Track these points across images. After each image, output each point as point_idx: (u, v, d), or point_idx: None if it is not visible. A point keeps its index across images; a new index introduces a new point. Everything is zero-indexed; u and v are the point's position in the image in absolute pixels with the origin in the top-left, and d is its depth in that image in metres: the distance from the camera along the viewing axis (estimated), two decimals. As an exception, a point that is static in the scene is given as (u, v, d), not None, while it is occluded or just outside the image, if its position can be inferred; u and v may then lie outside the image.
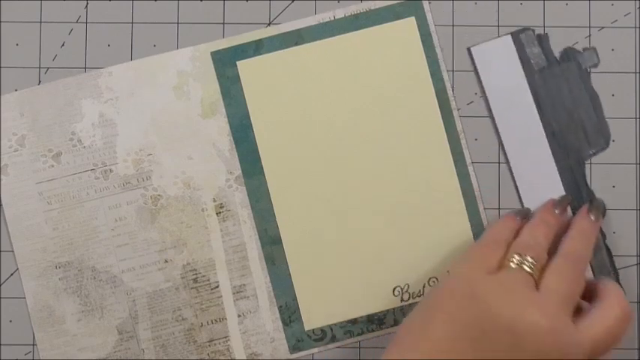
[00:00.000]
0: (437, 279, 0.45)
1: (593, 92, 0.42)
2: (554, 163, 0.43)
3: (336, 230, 0.45)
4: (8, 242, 0.45)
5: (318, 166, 0.45)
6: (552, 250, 0.40)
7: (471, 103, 0.46)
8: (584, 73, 0.43)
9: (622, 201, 0.46)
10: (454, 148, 0.45)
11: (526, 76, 0.42)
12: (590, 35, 0.46)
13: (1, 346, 0.45)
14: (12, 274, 0.45)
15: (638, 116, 0.46)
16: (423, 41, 0.46)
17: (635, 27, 0.46)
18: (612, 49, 0.46)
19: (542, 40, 0.42)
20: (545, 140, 0.42)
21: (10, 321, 0.45)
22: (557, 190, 0.43)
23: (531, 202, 0.44)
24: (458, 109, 0.46)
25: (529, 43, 0.42)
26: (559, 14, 0.46)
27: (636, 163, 0.46)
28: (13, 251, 0.45)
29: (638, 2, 0.46)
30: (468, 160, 0.45)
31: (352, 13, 0.46)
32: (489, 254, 0.38)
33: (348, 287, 0.45)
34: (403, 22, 0.46)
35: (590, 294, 0.39)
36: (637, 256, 0.46)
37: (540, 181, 0.43)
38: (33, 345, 0.45)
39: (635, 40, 0.46)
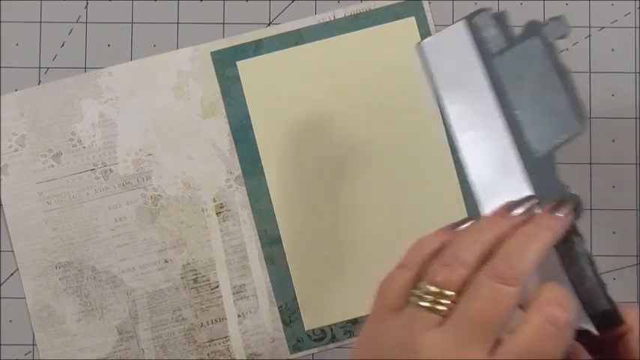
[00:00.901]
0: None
1: (562, 68, 0.35)
2: (517, 160, 0.35)
3: (336, 230, 0.45)
4: (8, 242, 0.45)
5: (318, 166, 0.45)
6: None
7: (471, 103, 0.46)
8: (550, 48, 0.36)
9: (622, 201, 0.46)
10: (454, 148, 0.45)
11: (483, 62, 0.36)
12: (590, 35, 0.46)
13: (1, 346, 0.45)
14: (12, 274, 0.45)
15: (638, 116, 0.46)
16: (423, 41, 0.46)
17: (635, 27, 0.46)
18: (612, 49, 0.46)
19: (500, 18, 0.35)
20: (507, 134, 0.35)
21: (10, 321, 0.45)
22: (523, 192, 0.36)
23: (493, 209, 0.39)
24: (458, 109, 0.46)
25: (485, 25, 0.36)
26: (559, 14, 0.46)
27: (636, 163, 0.46)
28: (13, 251, 0.45)
29: (638, 2, 0.46)
30: (468, 160, 0.45)
31: (352, 13, 0.46)
32: (392, 285, 0.30)
33: (348, 287, 0.45)
34: (403, 22, 0.46)
35: None
36: (637, 256, 0.45)
37: (502, 182, 0.36)
38: (33, 345, 0.45)
39: (635, 40, 0.46)
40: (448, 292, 0.28)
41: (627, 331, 0.29)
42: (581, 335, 0.29)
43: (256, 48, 0.46)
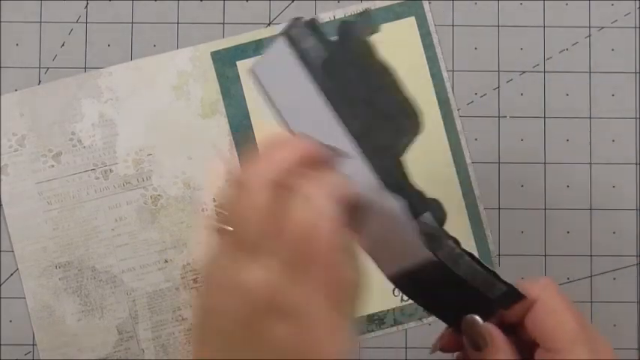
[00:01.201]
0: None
1: (381, 67, 0.33)
2: (368, 171, 0.33)
3: (336, 230, 0.45)
4: (8, 242, 0.45)
5: (318, 166, 0.45)
6: None
7: (470, 103, 0.46)
8: (365, 47, 0.33)
9: (622, 201, 0.46)
10: (454, 148, 0.45)
11: (312, 75, 0.33)
12: (590, 35, 0.46)
13: (1, 346, 0.45)
14: (12, 274, 0.45)
15: (638, 116, 0.46)
16: (423, 41, 0.46)
17: (635, 27, 0.46)
18: (612, 49, 0.46)
19: (314, 26, 0.32)
20: (354, 146, 0.32)
21: (10, 321, 0.45)
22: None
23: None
24: (458, 109, 0.46)
25: (303, 36, 0.33)
26: (559, 14, 0.46)
27: (636, 163, 0.46)
28: (13, 251, 0.45)
29: (638, 2, 0.46)
30: (468, 160, 0.45)
31: (352, 13, 0.46)
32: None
33: (348, 287, 0.45)
34: (403, 22, 0.46)
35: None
36: (637, 256, 0.45)
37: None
38: (33, 345, 0.45)
39: (635, 40, 0.46)
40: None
41: (533, 303, 0.30)
42: (489, 316, 0.30)
43: (256, 48, 0.46)
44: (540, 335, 0.29)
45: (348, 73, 0.33)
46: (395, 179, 0.33)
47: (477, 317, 0.31)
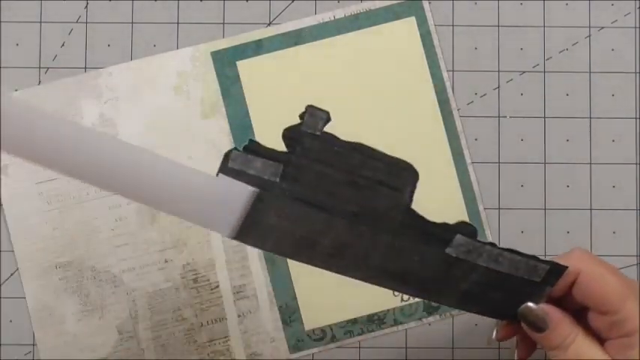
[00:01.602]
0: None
1: (349, 146, 0.32)
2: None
3: (336, 230, 0.45)
4: (8, 242, 0.45)
5: (318, 166, 0.45)
6: None
7: (470, 103, 0.46)
8: (322, 139, 0.32)
9: (622, 201, 0.46)
10: (454, 148, 0.45)
11: (277, 193, 0.31)
12: (590, 35, 0.46)
13: (1, 346, 0.45)
14: (12, 274, 0.45)
15: (638, 116, 0.46)
16: (423, 41, 0.46)
17: (635, 27, 0.46)
18: (612, 49, 0.46)
19: (254, 149, 0.31)
20: (356, 227, 0.32)
21: (10, 321, 0.45)
22: None
23: None
24: (458, 109, 0.46)
25: (245, 162, 0.31)
26: (559, 14, 0.46)
27: (636, 163, 0.46)
28: (13, 251, 0.45)
29: (638, 2, 0.46)
30: (468, 160, 0.45)
31: (352, 13, 0.46)
32: None
33: (348, 287, 0.45)
34: (403, 22, 0.46)
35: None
36: (637, 256, 0.45)
37: None
38: (33, 345, 0.45)
39: (635, 40, 0.46)
40: None
41: (577, 274, 0.32)
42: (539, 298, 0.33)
43: (256, 48, 0.46)
44: (592, 301, 0.32)
45: (314, 170, 0.31)
46: (418, 229, 0.32)
47: (530, 304, 0.33)
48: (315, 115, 0.32)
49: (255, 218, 0.31)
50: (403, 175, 0.32)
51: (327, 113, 0.32)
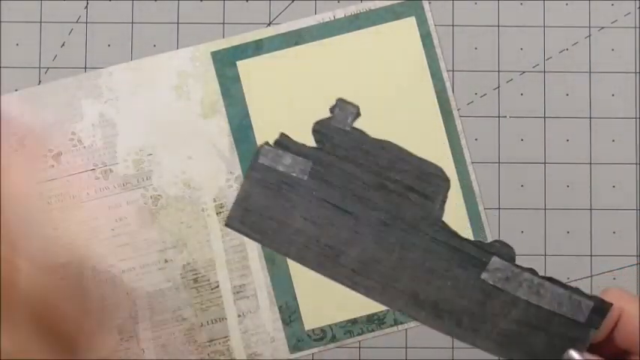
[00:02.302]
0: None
1: (379, 144, 0.31)
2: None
3: (336, 230, 0.45)
4: (8, 242, 0.45)
5: (318, 166, 0.45)
6: None
7: (470, 103, 0.46)
8: (351, 135, 0.31)
9: (622, 201, 0.46)
10: (454, 148, 0.45)
11: (304, 193, 0.30)
12: (590, 35, 0.46)
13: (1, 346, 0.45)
14: (12, 274, 0.45)
15: (638, 116, 0.46)
16: (423, 41, 0.46)
17: (635, 27, 0.46)
18: (612, 49, 0.46)
19: (285, 144, 0.31)
20: (384, 235, 0.30)
21: (10, 321, 0.45)
22: None
23: None
24: (458, 109, 0.46)
25: (277, 159, 0.30)
26: (559, 14, 0.46)
27: (636, 163, 0.46)
28: (13, 251, 0.45)
29: (638, 2, 0.46)
30: (468, 160, 0.45)
31: (352, 13, 0.46)
32: None
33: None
34: (403, 22, 0.46)
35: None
36: (637, 256, 0.46)
37: None
38: (33, 345, 0.45)
39: (635, 40, 0.46)
40: None
41: (619, 316, 0.29)
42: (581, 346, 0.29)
43: (256, 48, 0.46)
44: (635, 345, 0.28)
45: (343, 169, 0.30)
46: (451, 247, 0.29)
47: (573, 352, 0.29)
48: (345, 110, 0.31)
49: (281, 219, 0.30)
50: (434, 181, 0.30)
51: (357, 107, 0.31)
